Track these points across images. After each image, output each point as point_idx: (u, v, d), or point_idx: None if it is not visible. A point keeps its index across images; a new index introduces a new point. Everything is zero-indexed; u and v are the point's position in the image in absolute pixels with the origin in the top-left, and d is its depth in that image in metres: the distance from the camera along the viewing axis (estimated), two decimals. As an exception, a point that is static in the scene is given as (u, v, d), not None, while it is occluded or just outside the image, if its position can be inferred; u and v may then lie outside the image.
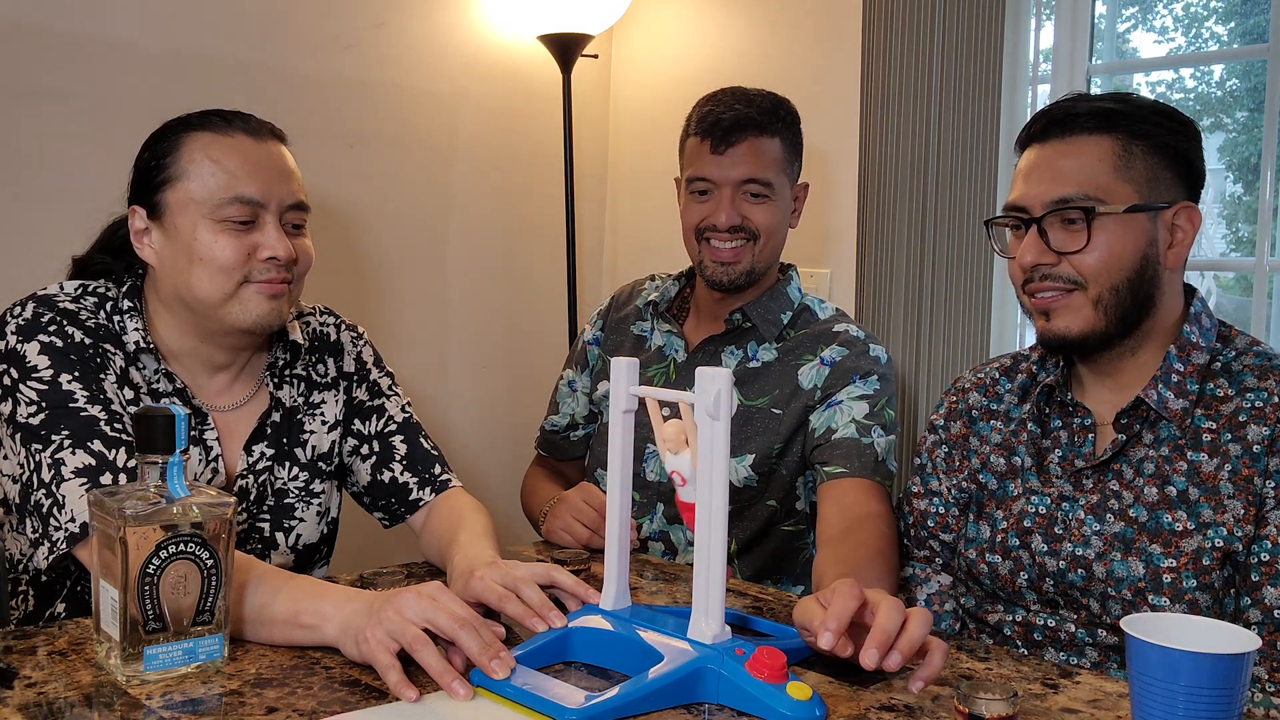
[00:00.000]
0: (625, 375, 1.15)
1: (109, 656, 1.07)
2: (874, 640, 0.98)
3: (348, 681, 1.07)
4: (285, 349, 1.52)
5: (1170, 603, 1.25)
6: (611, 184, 2.92)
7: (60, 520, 1.25)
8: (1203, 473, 1.27)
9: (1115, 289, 1.30)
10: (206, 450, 1.43)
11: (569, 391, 1.99)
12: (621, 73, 2.88)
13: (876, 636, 0.99)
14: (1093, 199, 1.29)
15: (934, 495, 1.52)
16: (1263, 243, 1.97)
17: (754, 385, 1.77)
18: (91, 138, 2.05)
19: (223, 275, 1.36)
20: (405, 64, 2.49)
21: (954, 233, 2.11)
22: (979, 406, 1.51)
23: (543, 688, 1.01)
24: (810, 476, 1.78)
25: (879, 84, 2.19)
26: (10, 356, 1.33)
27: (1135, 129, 1.30)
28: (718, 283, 1.78)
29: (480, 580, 1.21)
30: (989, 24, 2.05)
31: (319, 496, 1.53)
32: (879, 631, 0.99)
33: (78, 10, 2.04)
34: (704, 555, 1.07)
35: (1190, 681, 0.87)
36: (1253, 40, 2.15)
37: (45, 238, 2.01)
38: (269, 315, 1.39)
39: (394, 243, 2.51)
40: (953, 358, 2.12)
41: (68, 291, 1.40)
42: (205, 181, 1.36)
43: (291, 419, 1.52)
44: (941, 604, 1.50)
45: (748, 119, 1.73)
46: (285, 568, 1.48)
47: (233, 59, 2.21)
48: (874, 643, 0.98)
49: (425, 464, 1.57)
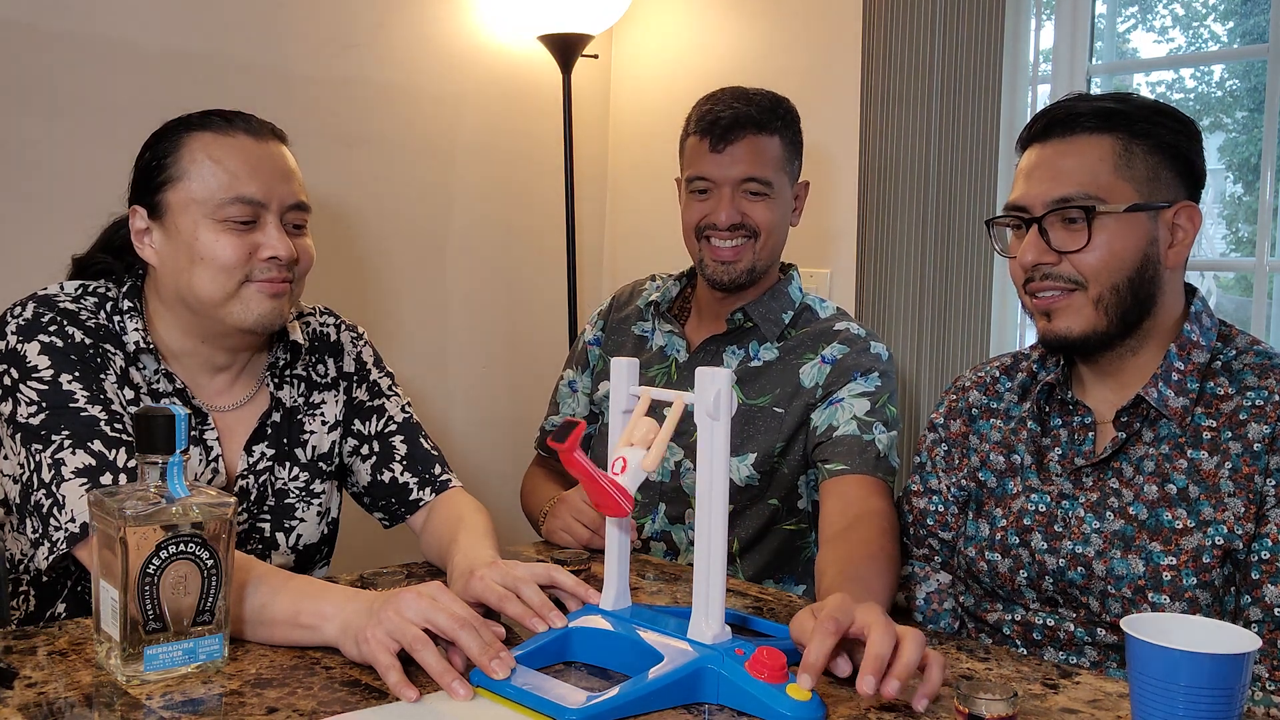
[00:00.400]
0: (625, 375, 1.15)
1: (109, 656, 1.07)
2: (868, 668, 0.98)
3: (348, 681, 1.07)
4: (285, 349, 1.52)
5: (1170, 601, 1.25)
6: (611, 184, 2.92)
7: (60, 520, 1.25)
8: (1203, 471, 1.27)
9: (1116, 288, 1.30)
10: (207, 450, 1.43)
11: (569, 392, 1.99)
12: (621, 73, 2.88)
13: (870, 664, 0.98)
14: (1093, 198, 1.29)
15: (933, 493, 1.52)
16: (1263, 243, 1.97)
17: (755, 384, 1.77)
18: (91, 138, 2.05)
19: (224, 275, 1.36)
20: (405, 64, 2.49)
21: (954, 232, 2.11)
22: (979, 405, 1.51)
23: (543, 688, 1.01)
24: (812, 475, 1.78)
25: (879, 84, 2.19)
26: (10, 356, 1.33)
27: (1136, 128, 1.30)
28: (719, 282, 1.78)
29: (480, 580, 1.21)
30: (989, 24, 2.05)
31: (319, 497, 1.53)
32: (872, 659, 0.99)
33: (78, 10, 2.04)
34: (704, 555, 1.07)
35: (1190, 681, 0.87)
36: (1253, 40, 2.15)
37: (45, 238, 2.01)
38: (270, 315, 1.39)
39: (394, 243, 2.51)
40: (953, 357, 2.12)
41: (68, 292, 1.40)
42: (207, 181, 1.36)
43: (292, 419, 1.52)
44: (940, 602, 1.50)
45: (747, 117, 1.73)
46: (286, 568, 1.47)
47: (233, 59, 2.21)
48: (869, 670, 0.98)
49: (425, 464, 1.57)
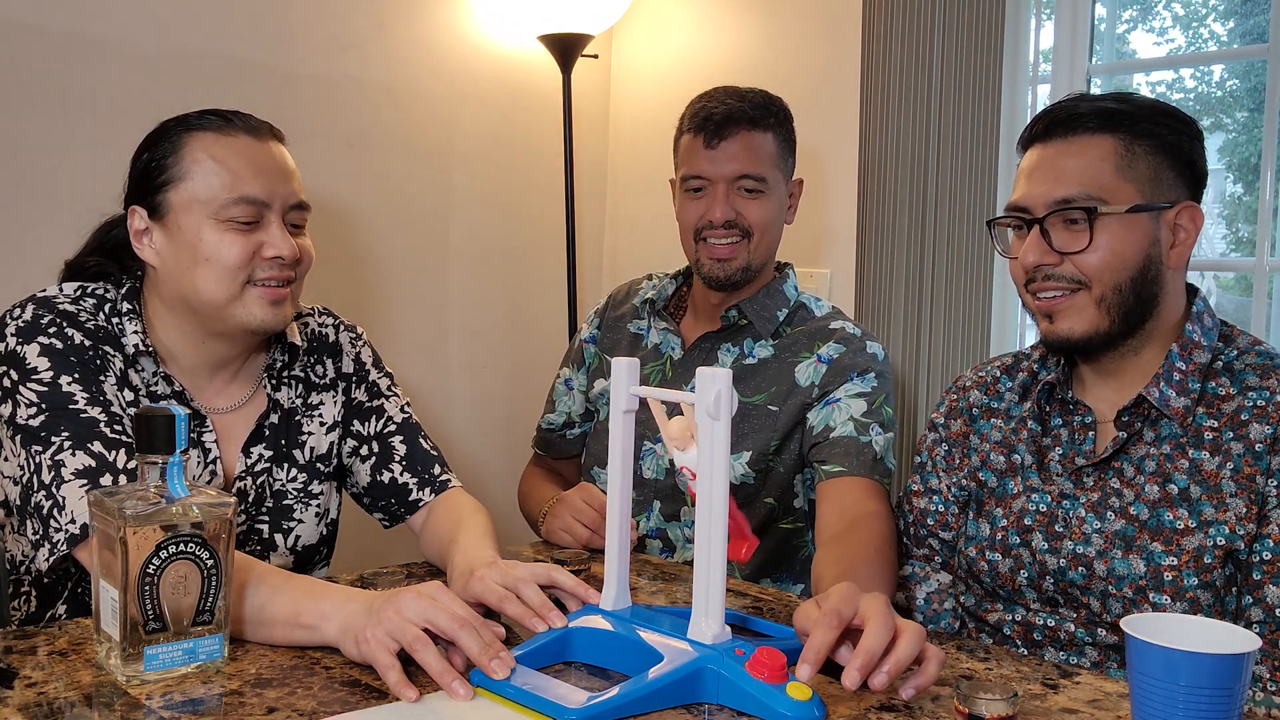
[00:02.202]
0: (626, 375, 1.15)
1: (109, 656, 1.07)
2: (856, 662, 0.98)
3: (348, 681, 1.07)
4: (283, 350, 1.52)
5: (1171, 601, 1.25)
6: (611, 184, 2.92)
7: (60, 522, 1.25)
8: (1204, 471, 1.27)
9: (1118, 288, 1.30)
10: (205, 453, 1.43)
11: (565, 390, 1.99)
12: (621, 73, 2.88)
13: (860, 657, 0.98)
14: (1095, 199, 1.29)
15: (934, 493, 1.52)
16: (1263, 243, 1.97)
17: (750, 382, 1.77)
18: (91, 138, 2.05)
19: (228, 275, 1.36)
20: (405, 64, 2.49)
21: (954, 232, 2.11)
22: (979, 404, 1.51)
23: (543, 688, 1.01)
24: (808, 474, 1.78)
25: (879, 84, 2.19)
26: (10, 358, 1.33)
27: (1138, 129, 1.30)
28: (715, 279, 1.77)
29: (480, 580, 1.21)
30: (989, 24, 2.05)
31: (318, 498, 1.53)
32: (862, 652, 0.98)
33: (78, 10, 2.04)
34: (704, 555, 1.07)
35: (1190, 681, 0.87)
36: (1253, 40, 2.15)
37: (45, 238, 2.01)
38: (272, 319, 1.39)
39: (394, 243, 2.51)
40: (952, 357, 2.12)
41: (67, 293, 1.39)
42: (209, 181, 1.36)
43: (290, 420, 1.52)
44: (941, 602, 1.50)
45: (740, 113, 1.74)
46: (285, 569, 1.48)
47: (233, 59, 2.21)
48: (856, 664, 0.98)
49: (425, 464, 1.57)
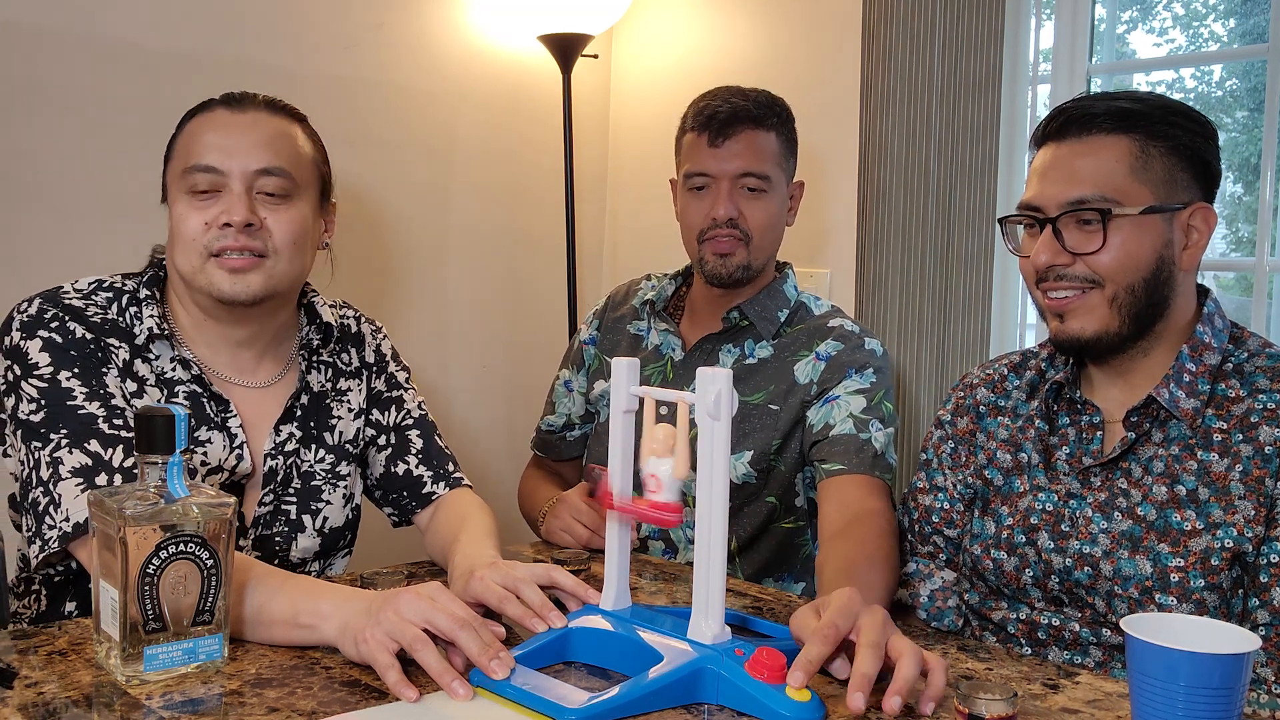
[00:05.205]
0: (626, 375, 1.15)
1: (109, 656, 1.07)
2: (856, 685, 0.98)
3: (348, 681, 1.07)
4: (318, 329, 1.52)
5: (1178, 602, 1.25)
6: (611, 184, 2.92)
7: (55, 519, 1.25)
8: (1213, 473, 1.27)
9: (1131, 289, 1.29)
10: (231, 438, 1.42)
11: (565, 391, 1.99)
12: (621, 73, 2.88)
13: (856, 683, 0.98)
14: (1109, 200, 1.28)
15: (939, 491, 1.52)
16: (1263, 243, 1.97)
17: (751, 382, 1.77)
18: (92, 138, 2.05)
19: (189, 247, 1.37)
20: (405, 64, 2.49)
21: (954, 232, 2.11)
22: (986, 402, 1.50)
23: (543, 688, 1.01)
24: (809, 473, 1.78)
25: (879, 84, 2.19)
26: (14, 353, 1.34)
27: (1154, 130, 1.29)
28: (717, 276, 1.77)
29: (480, 581, 1.21)
30: (989, 24, 2.05)
31: (345, 480, 1.53)
32: (858, 678, 0.99)
33: (78, 10, 2.04)
34: (704, 555, 1.07)
35: (1190, 681, 0.87)
36: (1253, 40, 2.15)
37: (46, 238, 2.01)
38: (231, 289, 1.36)
39: (394, 242, 2.51)
40: (952, 357, 2.12)
41: (79, 288, 1.40)
42: (179, 155, 1.40)
43: (320, 404, 1.52)
44: (944, 600, 1.49)
45: (744, 112, 1.74)
46: (312, 551, 1.49)
47: (233, 59, 2.21)
48: (857, 687, 0.98)
49: (440, 460, 1.59)
